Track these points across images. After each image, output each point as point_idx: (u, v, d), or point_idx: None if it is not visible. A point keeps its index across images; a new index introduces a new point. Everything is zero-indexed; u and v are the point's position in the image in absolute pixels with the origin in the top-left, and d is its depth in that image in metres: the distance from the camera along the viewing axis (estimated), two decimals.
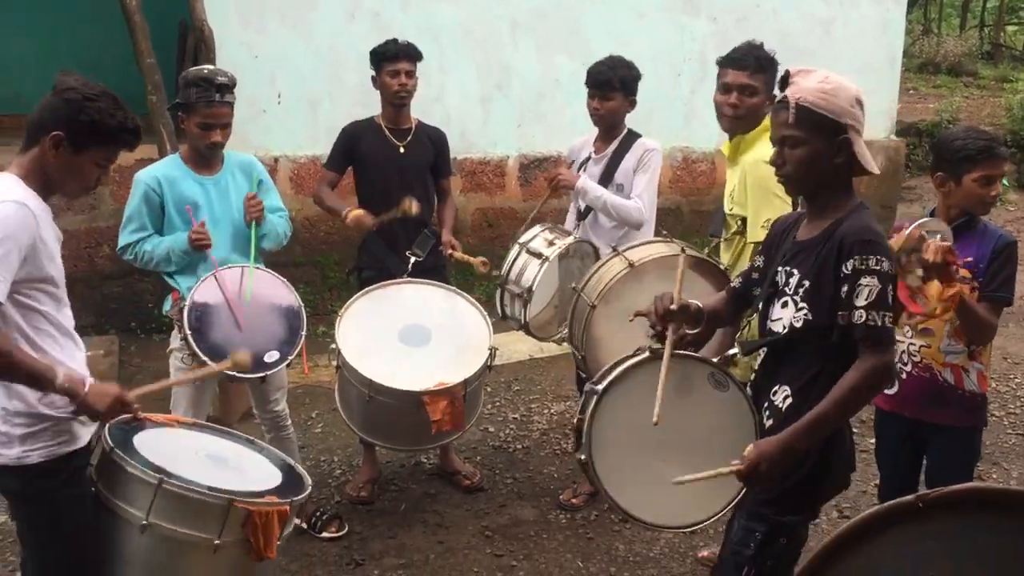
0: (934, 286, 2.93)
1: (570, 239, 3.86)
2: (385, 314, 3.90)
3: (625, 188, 3.99)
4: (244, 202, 3.59)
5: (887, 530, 1.17)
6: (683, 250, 3.28)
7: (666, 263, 3.27)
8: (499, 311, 4.01)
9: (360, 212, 4.07)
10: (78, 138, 2.36)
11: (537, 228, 3.97)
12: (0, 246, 2.22)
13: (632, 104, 4.06)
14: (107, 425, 2.52)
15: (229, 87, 3.48)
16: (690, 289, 3.08)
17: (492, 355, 3.84)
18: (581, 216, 4.14)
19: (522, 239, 3.92)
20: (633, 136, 4.08)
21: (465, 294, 4.11)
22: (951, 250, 2.68)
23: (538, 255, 3.80)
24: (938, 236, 2.72)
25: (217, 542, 2.48)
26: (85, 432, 2.49)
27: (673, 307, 2.49)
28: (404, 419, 3.73)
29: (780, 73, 3.19)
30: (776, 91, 2.46)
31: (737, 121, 3.34)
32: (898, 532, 1.18)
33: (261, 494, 2.62)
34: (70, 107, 2.34)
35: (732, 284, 2.74)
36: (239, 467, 2.82)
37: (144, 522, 2.43)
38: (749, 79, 3.30)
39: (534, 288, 3.73)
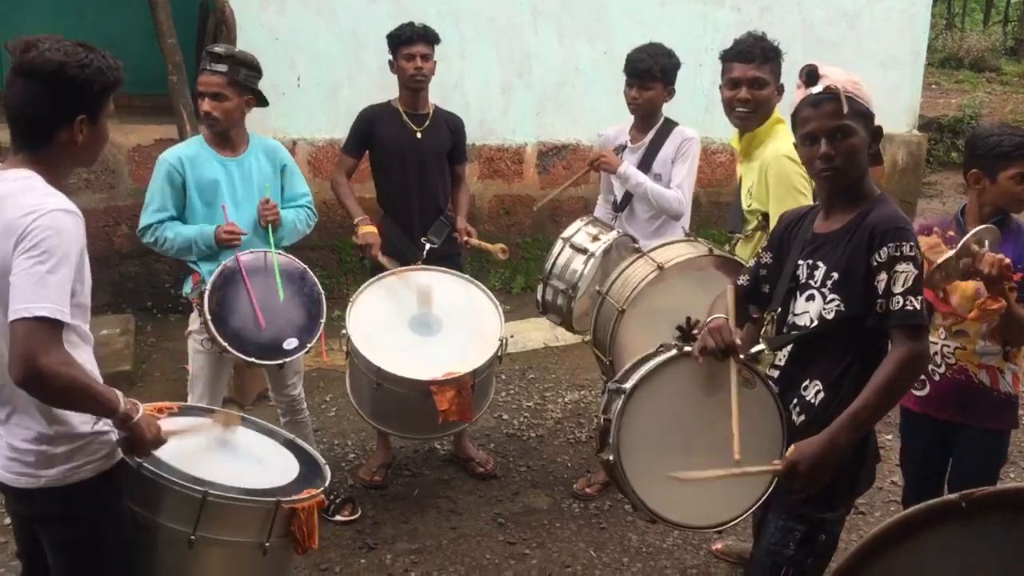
0: (962, 287, 2.90)
1: (614, 233, 3.83)
2: (397, 301, 3.89)
3: (663, 178, 3.94)
4: (259, 207, 3.57)
5: (928, 530, 1.15)
6: (711, 251, 3.26)
7: (692, 264, 3.24)
8: (539, 305, 3.99)
9: (370, 233, 4.04)
10: (96, 108, 2.18)
11: (579, 223, 3.94)
12: (62, 263, 2.03)
13: (671, 94, 4.01)
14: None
15: (223, 57, 3.44)
16: (713, 286, 3.06)
17: (503, 346, 3.83)
18: (618, 208, 4.10)
19: (565, 234, 3.90)
20: (670, 125, 4.03)
21: (478, 282, 4.10)
22: (1010, 265, 2.65)
23: (583, 250, 3.78)
24: (986, 244, 2.67)
25: (267, 544, 2.48)
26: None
27: (738, 341, 2.42)
28: (412, 408, 3.72)
29: (785, 63, 3.18)
30: (801, 84, 2.40)
31: (751, 116, 3.31)
32: (940, 532, 1.15)
33: (297, 488, 2.60)
34: (77, 86, 2.12)
35: (739, 283, 2.67)
36: (255, 456, 2.79)
37: (191, 536, 2.38)
38: (757, 71, 3.28)
39: (579, 284, 3.71)
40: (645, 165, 3.98)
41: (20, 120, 2.16)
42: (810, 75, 2.35)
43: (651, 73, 3.91)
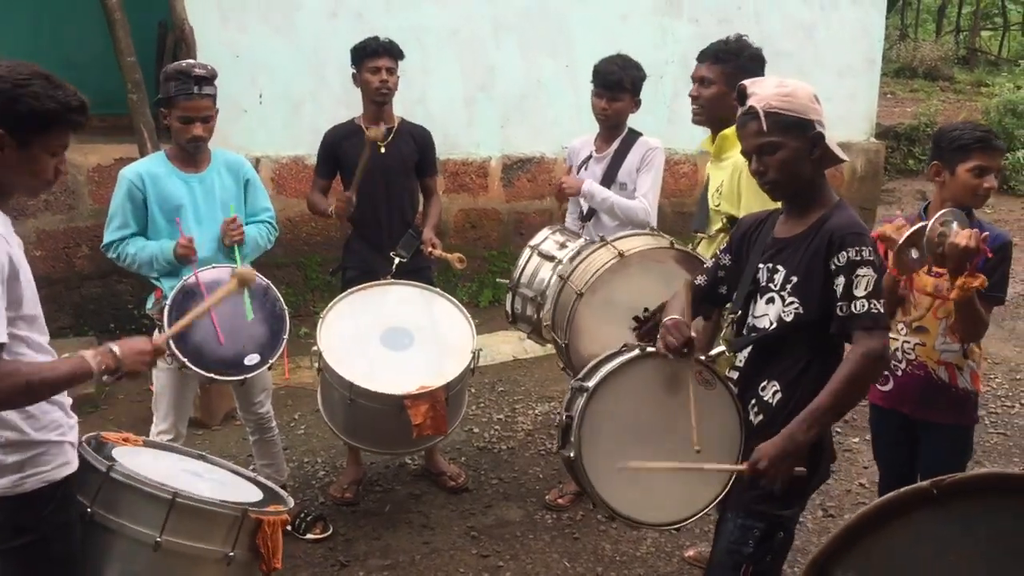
0: (920, 281, 2.94)
1: (580, 240, 3.83)
2: (368, 316, 3.87)
3: (628, 187, 3.97)
4: (222, 227, 3.54)
5: (902, 517, 1.17)
6: (672, 244, 3.31)
7: (653, 255, 3.28)
8: (508, 315, 3.99)
9: (340, 198, 4.01)
10: (21, 131, 2.10)
11: (546, 231, 3.96)
12: None
13: (638, 105, 4.04)
14: (83, 444, 2.41)
15: (208, 79, 3.43)
16: (672, 280, 3.12)
17: (475, 358, 3.82)
18: (585, 217, 4.11)
19: (532, 242, 3.92)
20: (634, 135, 4.06)
21: (449, 296, 4.09)
22: (987, 237, 2.68)
23: (551, 258, 3.79)
24: (954, 224, 2.70)
25: (231, 554, 2.46)
26: (75, 456, 2.34)
27: (694, 335, 2.49)
28: (386, 423, 3.70)
29: (743, 62, 3.24)
30: (736, 104, 2.50)
31: (700, 112, 3.39)
32: (913, 519, 1.18)
33: (262, 505, 2.60)
34: (3, 99, 2.06)
35: (696, 282, 2.73)
36: (219, 480, 2.79)
37: (157, 539, 2.36)
38: (706, 71, 3.35)
39: (547, 292, 3.70)
40: (610, 174, 4.00)
41: None
42: (739, 94, 2.46)
43: (621, 84, 3.94)
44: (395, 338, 3.85)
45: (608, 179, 4.00)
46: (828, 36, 8.21)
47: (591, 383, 2.47)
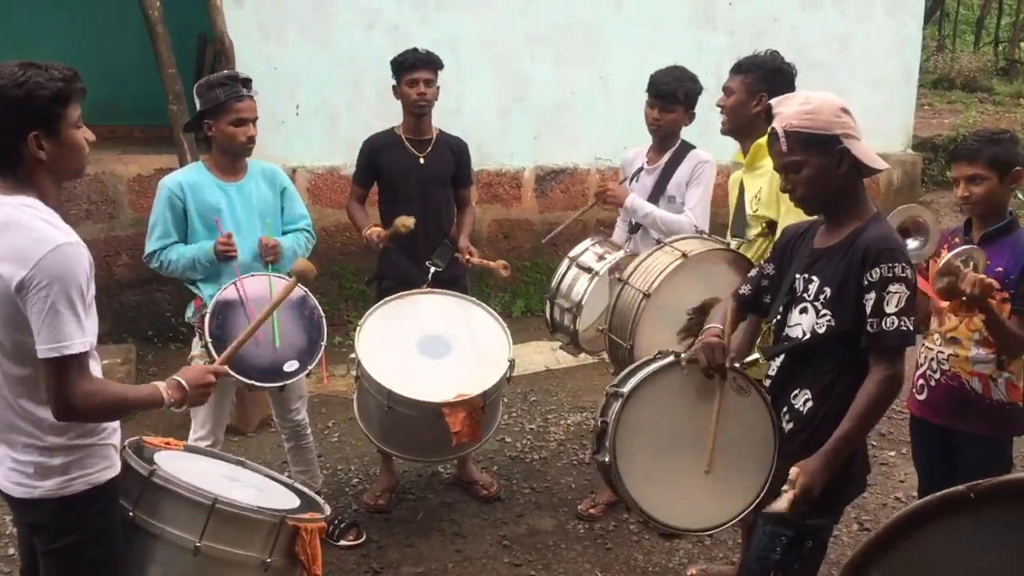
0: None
1: (620, 253, 3.83)
2: (404, 325, 3.90)
3: (677, 200, 3.94)
4: (259, 246, 3.59)
5: (937, 520, 1.17)
6: (727, 247, 3.33)
7: (710, 258, 3.30)
8: (549, 323, 4.01)
9: (374, 231, 4.07)
10: (48, 123, 2.15)
11: (587, 242, 3.97)
12: (75, 297, 2.11)
13: (691, 118, 4.03)
14: (125, 449, 2.46)
15: (250, 83, 3.52)
16: (719, 281, 3.16)
17: (511, 367, 3.84)
18: (633, 230, 4.09)
19: (572, 253, 3.93)
20: (687, 147, 4.03)
21: (484, 305, 4.11)
22: (991, 285, 2.68)
23: (588, 269, 3.80)
24: (971, 264, 2.70)
25: (269, 560, 2.49)
26: (118, 459, 2.39)
27: (737, 365, 2.53)
28: (422, 430, 3.72)
29: (764, 73, 3.29)
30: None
31: (726, 123, 3.45)
32: (951, 522, 1.18)
33: (300, 512, 2.63)
34: (17, 104, 2.10)
35: (741, 291, 2.77)
36: (257, 486, 2.82)
37: (197, 544, 2.39)
38: (730, 81, 3.43)
39: (583, 303, 3.73)
40: (660, 187, 3.98)
41: None
42: (767, 113, 2.49)
43: (675, 96, 3.93)
44: (432, 346, 3.87)
45: (657, 191, 3.97)
46: (864, 48, 8.15)
47: (626, 389, 2.51)
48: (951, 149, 3.08)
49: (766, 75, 3.31)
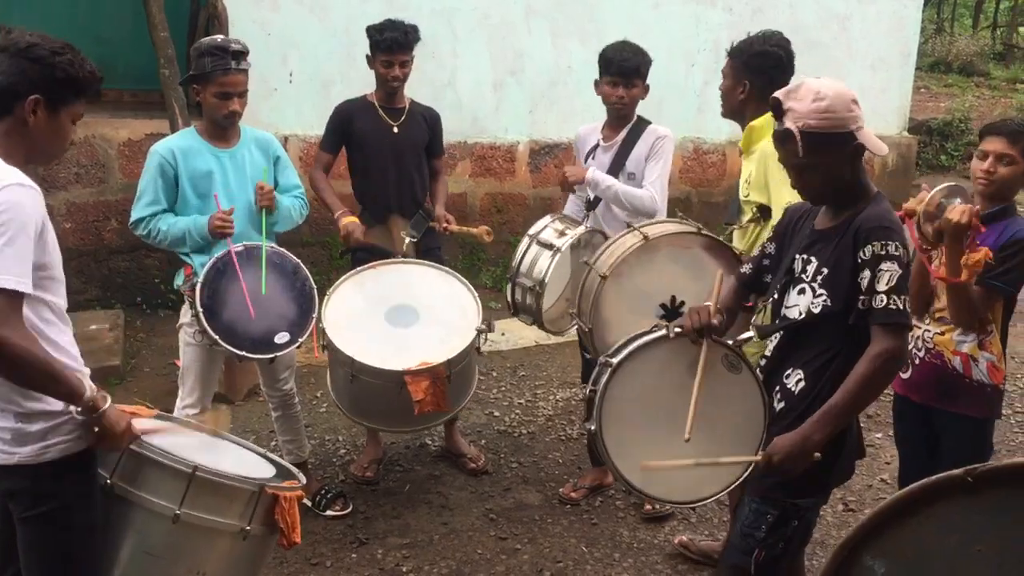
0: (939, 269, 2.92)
1: (581, 229, 3.78)
2: (374, 295, 3.88)
3: (637, 176, 3.90)
4: (255, 191, 3.57)
5: (933, 503, 1.17)
6: (699, 231, 3.29)
7: (680, 241, 3.25)
8: (510, 306, 3.92)
9: (352, 222, 4.04)
10: (55, 96, 2.21)
11: (547, 219, 3.88)
12: (19, 235, 2.06)
13: (646, 91, 3.99)
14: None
15: (243, 54, 3.45)
16: (703, 270, 3.11)
17: (479, 337, 3.79)
18: (590, 206, 4.02)
19: (531, 231, 3.84)
20: (643, 123, 3.97)
21: (457, 275, 4.07)
22: (977, 212, 2.66)
23: (549, 246, 3.72)
24: (957, 200, 2.68)
25: (247, 528, 2.49)
26: None
27: (714, 322, 2.50)
28: (387, 399, 3.69)
29: (747, 59, 3.23)
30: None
31: (723, 107, 3.40)
32: (945, 506, 1.17)
33: (277, 482, 2.62)
34: (41, 66, 2.17)
35: (742, 271, 2.79)
36: (232, 456, 2.82)
37: (176, 512, 2.39)
38: (724, 65, 3.37)
39: (546, 280, 3.65)
40: (618, 163, 3.91)
41: None
42: (775, 108, 2.42)
43: (638, 71, 3.88)
44: (400, 315, 3.85)
45: (616, 168, 3.91)
46: (863, 28, 8.10)
47: (616, 359, 2.52)
48: (988, 123, 3.03)
49: (748, 60, 3.26)
